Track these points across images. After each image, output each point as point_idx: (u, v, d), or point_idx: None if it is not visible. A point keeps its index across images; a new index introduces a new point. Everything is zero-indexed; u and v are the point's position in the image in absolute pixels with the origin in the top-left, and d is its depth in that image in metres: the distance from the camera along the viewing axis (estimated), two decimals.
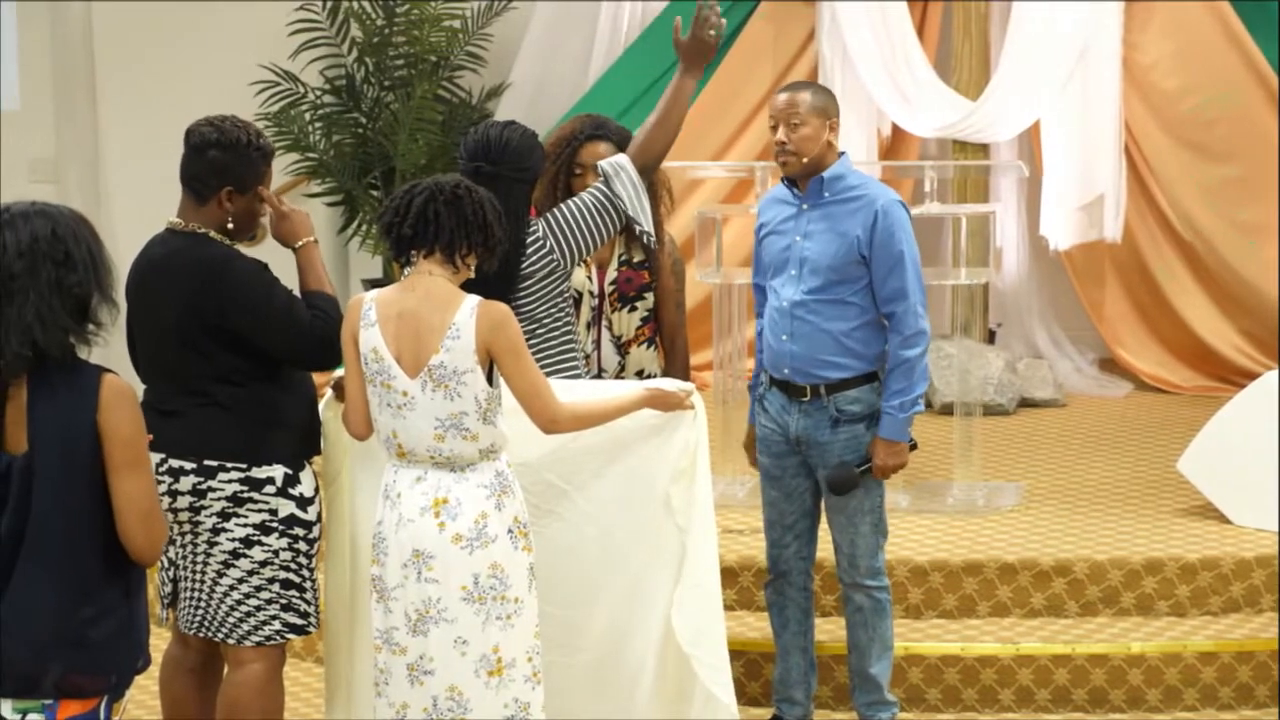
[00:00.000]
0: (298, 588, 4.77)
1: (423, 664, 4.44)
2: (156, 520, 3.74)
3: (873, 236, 5.22)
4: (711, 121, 9.37)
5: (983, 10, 8.93)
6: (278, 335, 4.69)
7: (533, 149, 5.06)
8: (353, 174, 9.74)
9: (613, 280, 5.74)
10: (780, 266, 5.35)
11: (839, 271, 5.25)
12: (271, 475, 4.70)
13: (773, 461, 5.44)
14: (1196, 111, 9.04)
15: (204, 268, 4.67)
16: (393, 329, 4.44)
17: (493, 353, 4.40)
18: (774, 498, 5.47)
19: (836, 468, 5.31)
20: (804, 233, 5.31)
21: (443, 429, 4.41)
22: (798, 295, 5.29)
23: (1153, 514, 6.91)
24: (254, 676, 4.77)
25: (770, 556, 5.54)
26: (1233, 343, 9.21)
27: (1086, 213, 8.93)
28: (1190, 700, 5.94)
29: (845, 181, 5.32)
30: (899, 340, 5.25)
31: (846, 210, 5.27)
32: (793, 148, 5.26)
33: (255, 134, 4.75)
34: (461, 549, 4.40)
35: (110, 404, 3.68)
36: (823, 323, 5.28)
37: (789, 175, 5.34)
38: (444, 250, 4.44)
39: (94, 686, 3.72)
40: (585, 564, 4.88)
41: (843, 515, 5.41)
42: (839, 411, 5.30)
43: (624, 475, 4.87)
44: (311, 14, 9.80)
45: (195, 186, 4.73)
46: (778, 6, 9.42)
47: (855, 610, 5.49)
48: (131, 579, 3.78)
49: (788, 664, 5.60)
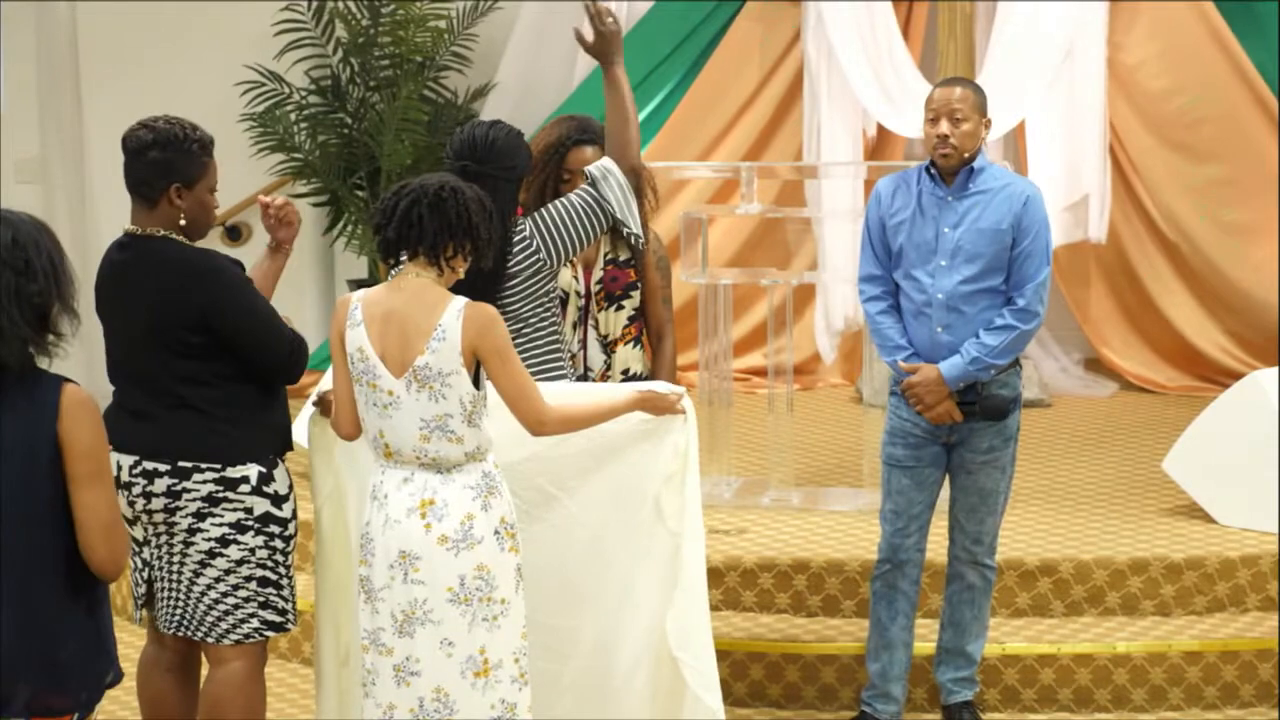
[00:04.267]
0: (275, 585, 4.78)
1: (409, 665, 4.43)
2: (119, 533, 3.66)
3: (1020, 222, 5.36)
4: (697, 122, 9.38)
5: (968, 10, 8.93)
6: (261, 342, 4.69)
7: (518, 148, 5.07)
8: (338, 174, 9.73)
9: (599, 279, 5.74)
10: (926, 256, 5.42)
11: (994, 259, 5.37)
12: (246, 474, 4.71)
13: (909, 452, 5.51)
14: (1182, 112, 9.06)
15: (184, 268, 4.67)
16: (378, 329, 4.43)
17: (479, 354, 4.40)
18: (905, 486, 5.52)
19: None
20: (954, 223, 5.39)
21: (428, 430, 4.40)
22: (953, 286, 5.38)
23: (1138, 514, 6.93)
24: (235, 674, 4.77)
25: (890, 546, 5.57)
26: (1218, 343, 9.23)
27: (1072, 213, 8.94)
28: (1175, 700, 5.95)
29: (989, 172, 5.45)
30: (1014, 310, 5.37)
31: (996, 200, 5.40)
32: (955, 142, 5.37)
33: (191, 127, 4.74)
34: (448, 550, 4.40)
35: (71, 414, 3.60)
36: (978, 312, 5.39)
37: (947, 168, 5.41)
38: (427, 253, 4.44)
39: (65, 705, 3.66)
40: (574, 570, 4.87)
41: (978, 495, 5.50)
42: (990, 395, 5.41)
43: (613, 480, 4.87)
44: (296, 14, 9.78)
45: (143, 191, 4.73)
46: (763, 7, 9.42)
47: (965, 588, 5.58)
48: (95, 593, 3.71)
49: (891, 658, 5.61)
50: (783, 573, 6.34)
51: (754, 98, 9.50)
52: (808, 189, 9.17)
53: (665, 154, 9.04)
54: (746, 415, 8.16)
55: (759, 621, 6.26)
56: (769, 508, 7.06)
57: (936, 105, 5.42)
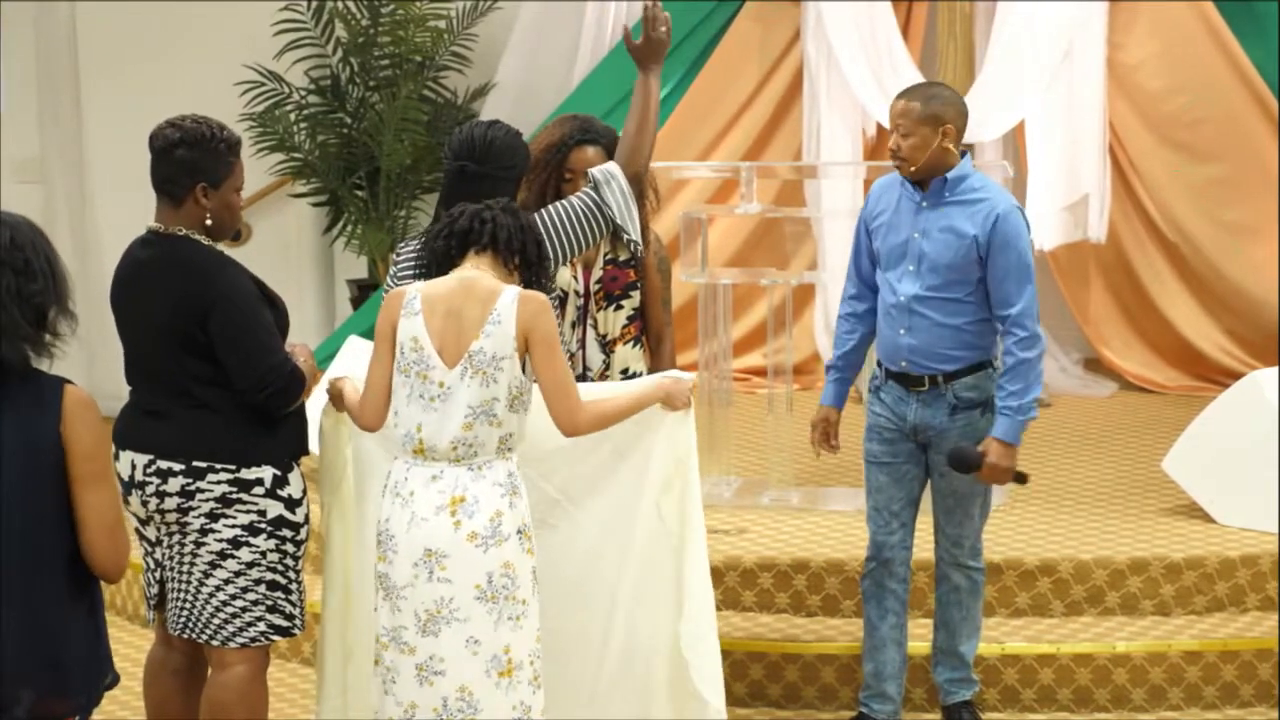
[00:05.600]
0: (284, 589, 4.76)
1: (432, 664, 4.43)
2: (121, 534, 3.66)
3: (991, 239, 5.32)
4: (697, 122, 9.37)
5: (967, 10, 8.93)
6: (242, 360, 4.63)
7: (517, 148, 5.07)
8: (338, 174, 9.72)
9: (598, 279, 5.74)
10: (896, 260, 5.43)
11: (958, 271, 5.34)
12: (260, 476, 4.69)
13: (885, 448, 5.51)
14: (1182, 112, 9.06)
15: (197, 268, 4.66)
16: (439, 322, 4.47)
17: (530, 341, 4.44)
18: (883, 483, 5.52)
19: (958, 448, 5.37)
20: (922, 230, 5.38)
21: (473, 417, 4.43)
22: (916, 291, 5.37)
23: (1137, 514, 6.92)
24: (237, 678, 4.75)
25: (875, 544, 5.56)
26: (1217, 343, 9.22)
27: (1071, 213, 8.94)
28: (1175, 699, 5.95)
29: (968, 183, 5.40)
30: (1014, 342, 5.33)
31: (967, 212, 5.36)
32: (903, 155, 5.36)
33: (219, 127, 4.74)
34: (476, 547, 4.40)
35: (73, 415, 3.60)
36: (941, 318, 5.37)
37: (908, 179, 5.41)
38: (503, 247, 4.52)
39: (67, 709, 3.66)
40: (579, 573, 4.88)
41: (952, 498, 5.49)
42: (956, 399, 5.40)
43: (615, 481, 4.88)
44: (296, 14, 9.78)
45: (168, 189, 4.72)
46: (763, 6, 9.41)
47: (952, 590, 5.56)
48: (94, 595, 3.71)
49: (884, 658, 5.60)
50: (782, 572, 6.34)
51: (753, 97, 9.49)
52: (807, 189, 9.17)
53: (665, 154, 9.01)
54: (746, 415, 8.16)
55: (759, 621, 6.26)
56: (769, 507, 7.06)
57: (889, 117, 5.45)
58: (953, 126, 5.37)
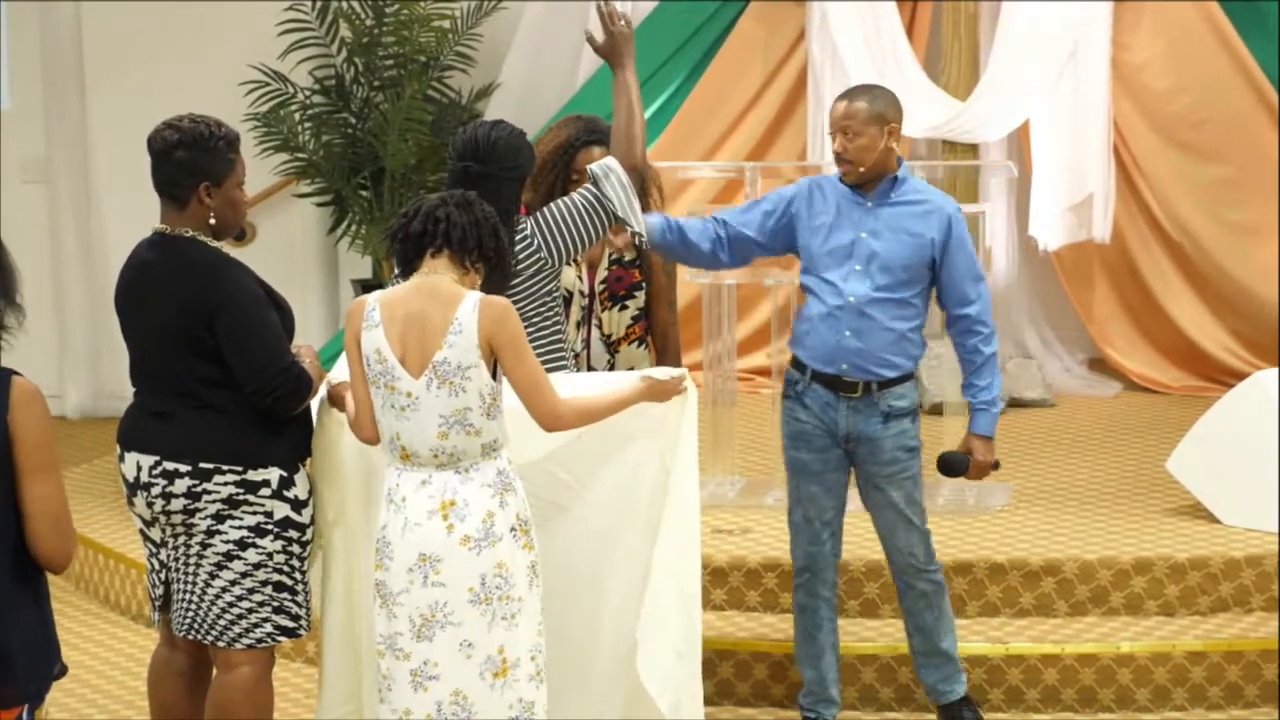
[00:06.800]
0: (290, 590, 4.76)
1: (426, 669, 4.42)
2: (67, 525, 3.67)
3: (948, 241, 5.33)
4: (701, 122, 9.37)
5: (972, 10, 8.94)
6: (247, 361, 4.64)
7: (521, 148, 5.07)
8: (342, 174, 9.73)
9: (603, 279, 5.75)
10: (840, 260, 5.37)
11: (910, 271, 5.33)
12: (267, 478, 4.70)
13: (815, 457, 5.44)
14: (1187, 112, 9.06)
15: (202, 269, 4.66)
16: (398, 330, 4.43)
17: (494, 347, 4.40)
18: (814, 493, 5.46)
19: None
20: (871, 230, 5.35)
21: (447, 426, 4.40)
22: (867, 291, 5.33)
23: (1142, 514, 6.92)
24: (243, 679, 4.75)
25: (806, 555, 5.51)
26: (1222, 343, 9.22)
27: (1076, 213, 8.94)
28: (1179, 700, 5.95)
29: (910, 184, 5.41)
30: (979, 339, 5.39)
31: (917, 213, 5.35)
32: (850, 157, 5.33)
33: (216, 125, 4.73)
34: (469, 550, 4.39)
35: (20, 406, 3.62)
36: (889, 321, 5.34)
37: (849, 183, 5.38)
38: (456, 247, 4.45)
39: (14, 696, 3.66)
40: (586, 566, 4.88)
41: (891, 511, 5.44)
42: (890, 407, 5.37)
43: (618, 474, 4.88)
44: (300, 14, 9.79)
45: (171, 191, 4.72)
46: (767, 7, 9.42)
47: (919, 596, 5.52)
48: (40, 585, 3.72)
49: (825, 664, 5.58)
50: (787, 573, 6.31)
51: (758, 97, 9.49)
52: None
53: (669, 154, 9.03)
54: (750, 415, 8.15)
55: (763, 621, 6.26)
56: (773, 507, 7.04)
57: (832, 119, 5.41)
58: (896, 125, 5.36)
